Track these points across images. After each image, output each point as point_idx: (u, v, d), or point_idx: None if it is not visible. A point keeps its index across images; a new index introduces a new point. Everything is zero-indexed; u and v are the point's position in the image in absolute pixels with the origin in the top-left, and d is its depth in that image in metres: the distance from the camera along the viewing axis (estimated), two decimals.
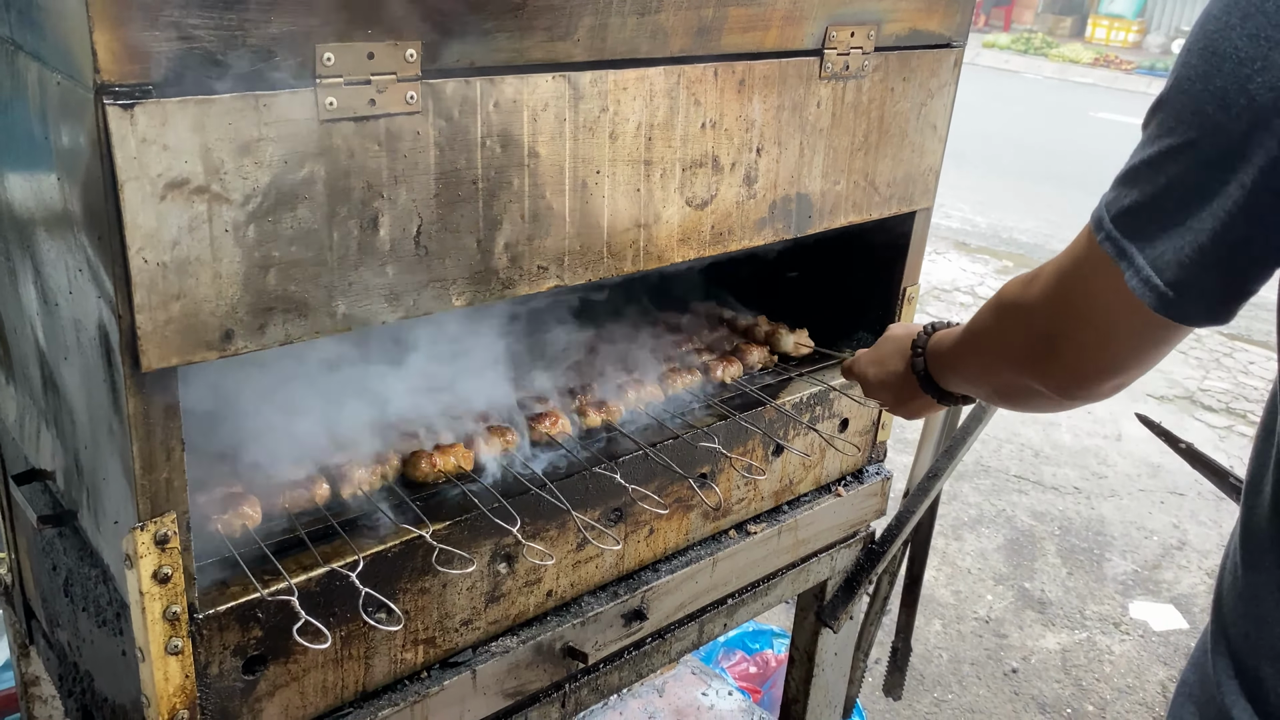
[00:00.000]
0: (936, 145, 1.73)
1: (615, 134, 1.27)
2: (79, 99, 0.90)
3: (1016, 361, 1.06)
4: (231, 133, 0.95)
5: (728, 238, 1.45)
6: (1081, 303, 0.94)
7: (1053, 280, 0.98)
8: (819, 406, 1.78)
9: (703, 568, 1.67)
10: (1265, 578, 0.92)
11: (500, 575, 1.40)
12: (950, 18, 1.63)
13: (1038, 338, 1.01)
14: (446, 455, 1.37)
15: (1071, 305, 0.95)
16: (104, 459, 1.10)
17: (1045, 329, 0.99)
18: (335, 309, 1.08)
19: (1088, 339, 0.95)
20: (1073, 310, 0.95)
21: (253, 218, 0.99)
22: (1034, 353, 1.02)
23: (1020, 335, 1.05)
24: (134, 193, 0.91)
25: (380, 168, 1.07)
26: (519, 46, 1.14)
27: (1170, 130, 0.83)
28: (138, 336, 0.95)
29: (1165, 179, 0.84)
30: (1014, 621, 3.54)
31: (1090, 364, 0.97)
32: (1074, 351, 0.97)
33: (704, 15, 1.29)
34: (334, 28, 0.98)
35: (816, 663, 2.06)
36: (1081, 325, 0.95)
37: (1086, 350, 0.96)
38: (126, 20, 0.86)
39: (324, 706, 1.27)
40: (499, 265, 1.21)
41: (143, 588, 1.06)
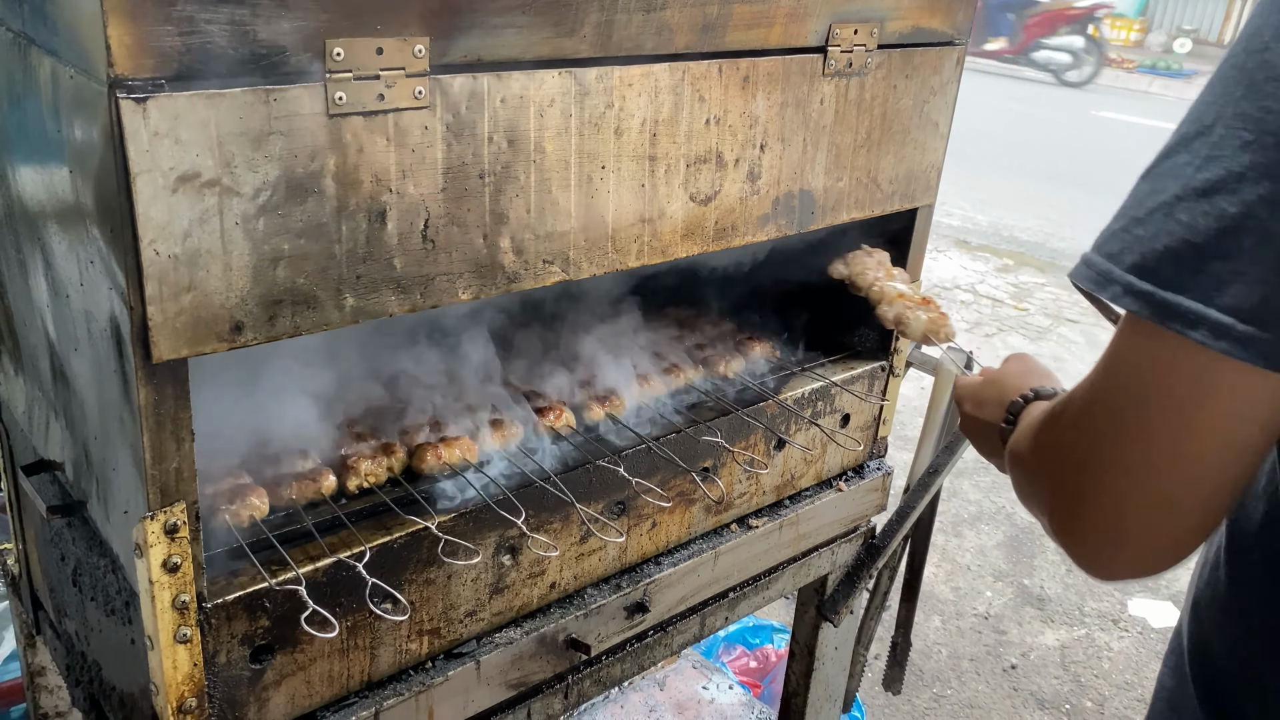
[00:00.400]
0: (939, 142, 1.74)
1: (620, 130, 1.28)
2: (92, 93, 0.91)
3: (1054, 531, 0.82)
4: (242, 126, 0.96)
5: (731, 233, 1.47)
6: (1129, 407, 0.72)
7: (1086, 395, 0.78)
8: (820, 402, 1.79)
9: (704, 561, 1.68)
10: (1251, 591, 0.85)
11: (504, 567, 1.41)
12: (953, 16, 1.64)
13: (1063, 485, 0.79)
14: (451, 447, 1.39)
15: (1114, 416, 0.74)
16: (114, 449, 1.11)
17: (1079, 470, 0.77)
18: (344, 302, 1.09)
19: (1146, 467, 0.72)
20: (1117, 423, 0.73)
21: (263, 211, 1.00)
22: (1058, 512, 0.80)
23: (1047, 490, 0.83)
24: (146, 186, 0.92)
25: (388, 162, 1.08)
26: (526, 42, 1.15)
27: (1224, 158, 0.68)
28: (149, 328, 0.97)
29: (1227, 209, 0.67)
30: (1013, 618, 3.56)
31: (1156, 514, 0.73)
32: (1124, 492, 0.74)
33: (709, 12, 1.30)
34: (344, 23, 0.99)
35: (817, 657, 2.07)
36: (1132, 444, 0.72)
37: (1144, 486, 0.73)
38: (140, 15, 0.87)
39: (330, 696, 1.29)
40: (505, 259, 1.22)
41: (152, 576, 1.07)
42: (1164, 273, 0.69)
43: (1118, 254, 0.72)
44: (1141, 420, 0.72)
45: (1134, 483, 0.73)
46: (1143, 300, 0.70)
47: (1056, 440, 0.81)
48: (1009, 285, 6.73)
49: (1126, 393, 0.73)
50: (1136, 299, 0.70)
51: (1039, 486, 0.85)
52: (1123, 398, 0.73)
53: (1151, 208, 0.71)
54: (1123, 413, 0.73)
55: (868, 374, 1.86)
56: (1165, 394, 0.70)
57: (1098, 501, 0.76)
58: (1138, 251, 0.71)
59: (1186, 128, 0.72)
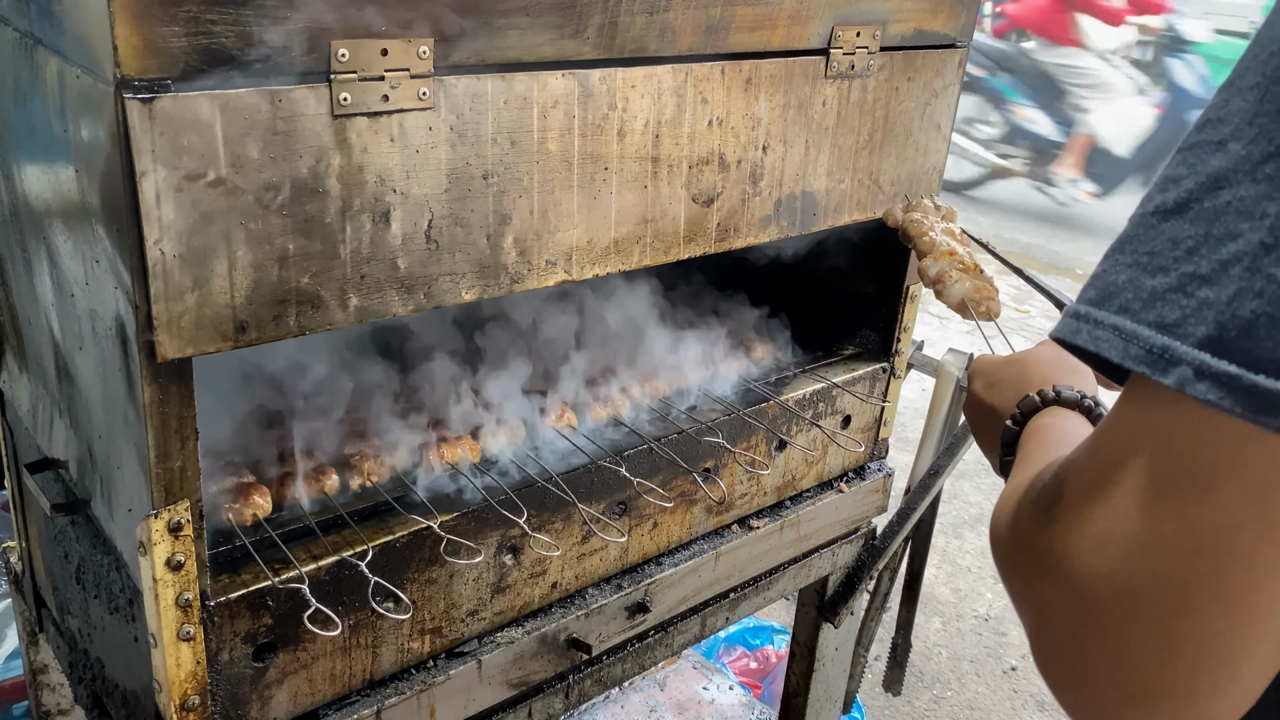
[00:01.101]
0: (940, 144, 1.74)
1: (623, 131, 1.28)
2: (99, 93, 0.92)
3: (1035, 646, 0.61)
4: (247, 127, 0.97)
5: (733, 235, 1.47)
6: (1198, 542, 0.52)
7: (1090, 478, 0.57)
8: (822, 403, 1.79)
9: (705, 561, 1.68)
10: None
11: (506, 566, 1.42)
12: (955, 18, 1.65)
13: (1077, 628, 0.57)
14: (454, 447, 1.39)
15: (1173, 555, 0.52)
16: (119, 448, 1.12)
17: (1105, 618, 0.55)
18: (348, 301, 1.10)
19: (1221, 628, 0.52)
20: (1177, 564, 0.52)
21: (267, 211, 1.01)
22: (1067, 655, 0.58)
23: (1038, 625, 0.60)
24: (152, 185, 0.93)
25: (392, 163, 1.08)
26: (530, 44, 1.15)
27: None
28: (154, 327, 0.97)
29: None
30: (1013, 620, 3.56)
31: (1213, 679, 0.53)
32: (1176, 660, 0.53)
33: (712, 14, 1.30)
34: (349, 24, 1.00)
35: (817, 657, 2.07)
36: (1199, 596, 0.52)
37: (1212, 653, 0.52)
38: (147, 15, 0.88)
39: (332, 694, 1.29)
40: (508, 260, 1.23)
41: (156, 574, 1.07)
42: (1254, 349, 0.50)
43: (1177, 324, 0.52)
44: (1217, 561, 0.51)
45: (1200, 650, 0.52)
46: (1224, 386, 0.50)
47: (1058, 558, 0.57)
48: (1010, 287, 6.72)
49: (1195, 522, 0.52)
50: (1215, 385, 0.50)
51: (1019, 592, 0.63)
52: (1188, 529, 0.52)
53: (1223, 260, 0.52)
54: (1186, 553, 0.52)
55: (869, 375, 1.86)
56: (1259, 521, 0.50)
57: (1103, 660, 0.55)
58: (1211, 320, 0.51)
59: (1242, 145, 0.53)
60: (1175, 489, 0.52)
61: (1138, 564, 0.53)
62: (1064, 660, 0.58)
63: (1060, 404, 0.91)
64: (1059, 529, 0.58)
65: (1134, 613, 0.53)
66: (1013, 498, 0.67)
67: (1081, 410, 0.91)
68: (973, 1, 1.66)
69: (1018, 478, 0.72)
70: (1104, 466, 0.56)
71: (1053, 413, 0.91)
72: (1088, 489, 0.57)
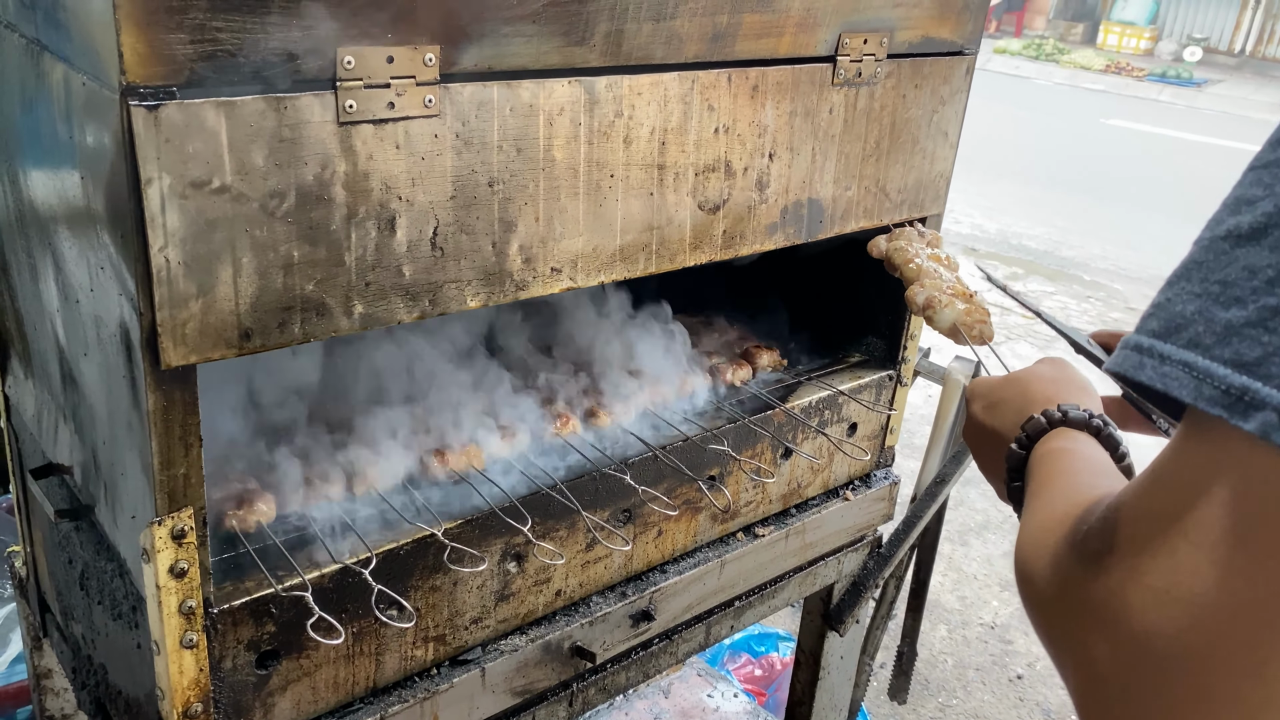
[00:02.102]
0: (948, 152, 1.74)
1: (629, 138, 1.28)
2: (104, 100, 0.92)
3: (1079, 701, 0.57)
4: (253, 134, 0.96)
5: (739, 242, 1.47)
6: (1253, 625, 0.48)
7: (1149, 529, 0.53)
8: (828, 411, 1.79)
9: (710, 569, 1.68)
10: None
11: (510, 574, 1.41)
12: (962, 26, 1.64)
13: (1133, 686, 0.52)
14: (458, 454, 1.39)
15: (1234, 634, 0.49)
16: (122, 454, 1.11)
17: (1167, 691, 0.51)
18: (353, 309, 1.10)
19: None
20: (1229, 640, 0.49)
21: (273, 218, 1.00)
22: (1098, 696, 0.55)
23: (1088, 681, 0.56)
24: (157, 192, 0.92)
25: (398, 170, 1.08)
26: (536, 51, 1.15)
27: None
28: (158, 334, 0.97)
29: None
30: (1019, 628, 3.54)
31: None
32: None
33: (719, 22, 1.30)
34: (355, 31, 1.00)
35: (822, 666, 2.06)
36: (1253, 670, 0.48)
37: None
38: (152, 23, 0.88)
39: (335, 702, 1.29)
40: (513, 267, 1.22)
41: (159, 582, 1.07)
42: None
43: (1258, 362, 0.48)
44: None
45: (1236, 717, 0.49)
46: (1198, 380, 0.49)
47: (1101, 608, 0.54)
48: None
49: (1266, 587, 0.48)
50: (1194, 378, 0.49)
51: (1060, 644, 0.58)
52: (1259, 597, 0.48)
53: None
54: (1253, 621, 0.48)
55: (875, 383, 1.86)
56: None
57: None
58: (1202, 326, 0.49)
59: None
60: (1253, 544, 0.48)
61: (1208, 624, 0.49)
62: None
63: (1068, 424, 0.86)
64: (1114, 580, 0.53)
65: (1199, 676, 0.50)
66: (1048, 537, 0.61)
67: (1091, 431, 0.85)
68: (980, 9, 1.66)
69: (1047, 513, 0.67)
70: (1166, 513, 0.52)
71: (1061, 435, 0.85)
72: (1147, 537, 0.52)
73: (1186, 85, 15.63)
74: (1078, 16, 20.24)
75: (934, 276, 1.48)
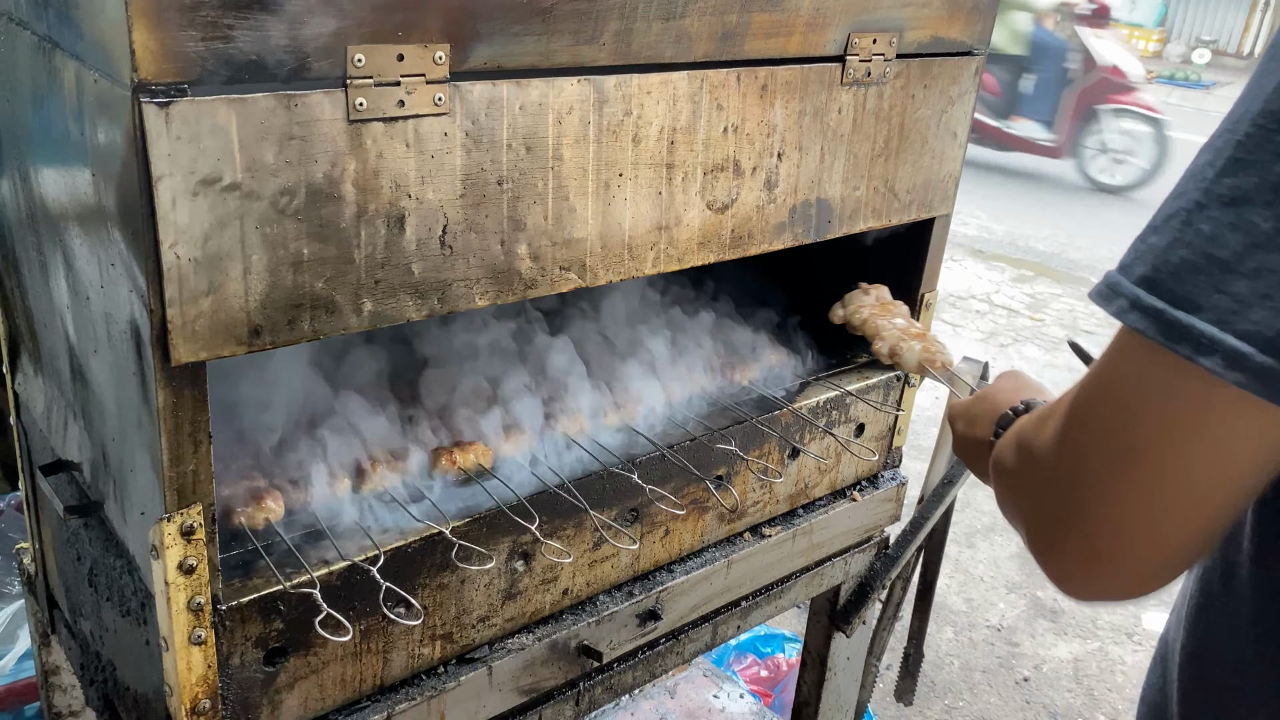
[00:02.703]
0: (956, 152, 1.73)
1: (638, 137, 1.28)
2: (116, 97, 0.92)
3: (1031, 550, 0.78)
4: (263, 131, 0.97)
5: (747, 241, 1.46)
6: (1120, 427, 0.67)
7: (1074, 408, 0.72)
8: (835, 411, 1.78)
9: (718, 569, 1.68)
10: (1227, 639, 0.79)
11: (517, 573, 1.41)
12: (972, 26, 1.64)
13: (1051, 502, 0.73)
14: (467, 452, 1.39)
15: (1103, 434, 0.68)
16: (132, 451, 1.12)
17: (1064, 487, 0.72)
18: (362, 306, 1.10)
19: (1132, 491, 0.67)
20: (1105, 442, 0.68)
21: (283, 215, 1.01)
22: (1040, 532, 0.75)
23: (1029, 506, 0.78)
24: (167, 189, 0.93)
25: (408, 168, 1.08)
26: (545, 50, 1.15)
27: (1256, 164, 0.61)
28: (168, 331, 0.97)
29: (1259, 224, 0.60)
30: (1026, 630, 3.53)
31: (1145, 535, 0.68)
32: (1106, 513, 0.69)
33: (728, 21, 1.30)
34: (365, 29, 1.00)
35: (829, 666, 2.06)
36: (1119, 466, 0.67)
37: (1139, 514, 0.67)
38: (164, 20, 0.88)
39: (342, 699, 1.29)
40: (521, 266, 1.23)
41: (168, 578, 1.07)
42: (1177, 289, 0.62)
43: (1129, 265, 0.66)
44: (1132, 444, 0.66)
45: (1119, 506, 0.68)
46: (1150, 318, 0.63)
47: (1039, 451, 0.75)
48: (1025, 295, 6.70)
49: (1120, 413, 0.67)
50: (1143, 316, 0.64)
51: (1018, 496, 0.81)
52: (1115, 418, 0.67)
53: (1168, 214, 0.65)
54: (1113, 434, 0.67)
55: (883, 383, 1.86)
56: (1162, 420, 0.64)
57: (1079, 521, 0.70)
58: (1149, 263, 0.64)
59: (1218, 131, 0.64)
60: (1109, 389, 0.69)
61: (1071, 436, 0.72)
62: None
63: (1030, 412, 1.00)
64: (1046, 425, 0.76)
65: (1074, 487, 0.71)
66: (1013, 431, 0.84)
67: None
68: (990, 9, 1.66)
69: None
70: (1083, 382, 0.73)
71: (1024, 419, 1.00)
72: (1067, 395, 0.74)
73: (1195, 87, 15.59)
74: None
75: (889, 327, 1.68)
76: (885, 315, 1.69)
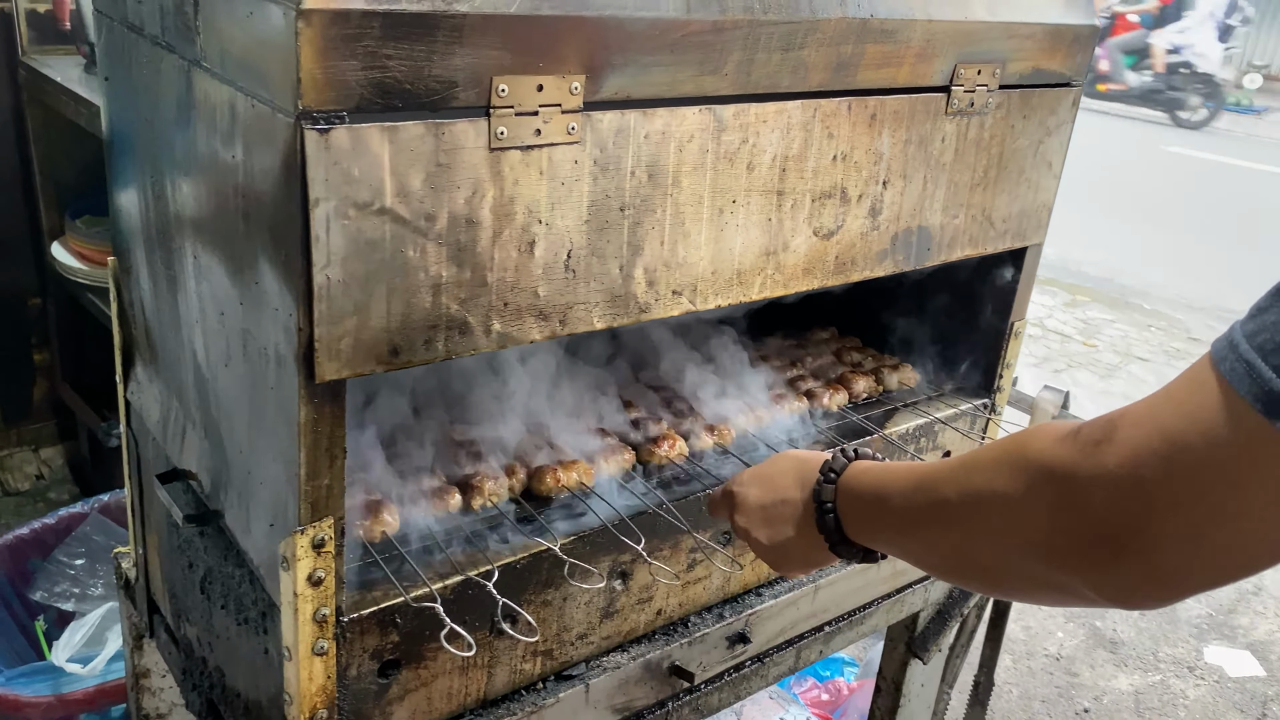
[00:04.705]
0: (1051, 182, 1.74)
1: (752, 165, 1.30)
2: (278, 123, 0.95)
3: (1057, 555, 0.79)
4: (413, 158, 0.99)
5: (850, 268, 1.48)
6: (1212, 474, 0.69)
7: (1151, 441, 0.72)
8: (924, 438, 1.79)
9: (805, 594, 1.68)
10: None
11: (615, 591, 1.43)
12: (1072, 58, 1.64)
13: (1113, 524, 0.74)
14: (570, 471, 1.41)
15: (1193, 478, 0.70)
16: (262, 463, 1.15)
17: (1130, 514, 0.73)
18: (491, 328, 1.12)
19: (1218, 533, 0.70)
20: (1196, 485, 0.70)
21: (427, 239, 1.03)
22: (1097, 546, 0.75)
23: (1076, 520, 0.77)
24: (323, 213, 0.96)
25: (540, 194, 1.11)
26: (672, 80, 1.17)
27: None
28: (315, 349, 1.00)
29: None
30: (1085, 660, 3.49)
31: (1201, 563, 0.72)
32: (1180, 546, 0.71)
33: (843, 51, 1.32)
34: (510, 60, 1.03)
35: (904, 694, 2.06)
36: (1207, 510, 0.70)
37: (1203, 545, 0.71)
38: (329, 50, 0.91)
39: (447, 712, 1.31)
40: (637, 289, 1.24)
41: (297, 589, 1.10)
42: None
43: (1252, 334, 0.69)
44: (1219, 501, 0.69)
45: (1190, 547, 0.71)
46: (1252, 380, 0.67)
47: (1111, 466, 0.74)
48: (1077, 321, 6.64)
49: (1211, 467, 0.69)
50: (1250, 378, 0.67)
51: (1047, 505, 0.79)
52: (1206, 471, 0.69)
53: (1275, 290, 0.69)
54: (1201, 488, 0.70)
55: (969, 412, 1.85)
56: (1254, 475, 0.67)
57: (1150, 552, 0.72)
58: (1270, 334, 0.68)
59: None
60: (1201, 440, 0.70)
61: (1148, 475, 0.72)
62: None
63: (861, 458, 1.11)
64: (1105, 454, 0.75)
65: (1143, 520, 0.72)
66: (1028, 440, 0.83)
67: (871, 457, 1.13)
68: (1088, 42, 1.66)
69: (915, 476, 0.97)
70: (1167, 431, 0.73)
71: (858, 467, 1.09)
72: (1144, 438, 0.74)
73: (1247, 113, 15.38)
74: None
75: None
76: None
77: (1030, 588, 0.85)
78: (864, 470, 1.07)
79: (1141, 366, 5.99)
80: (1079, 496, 0.76)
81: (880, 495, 1.02)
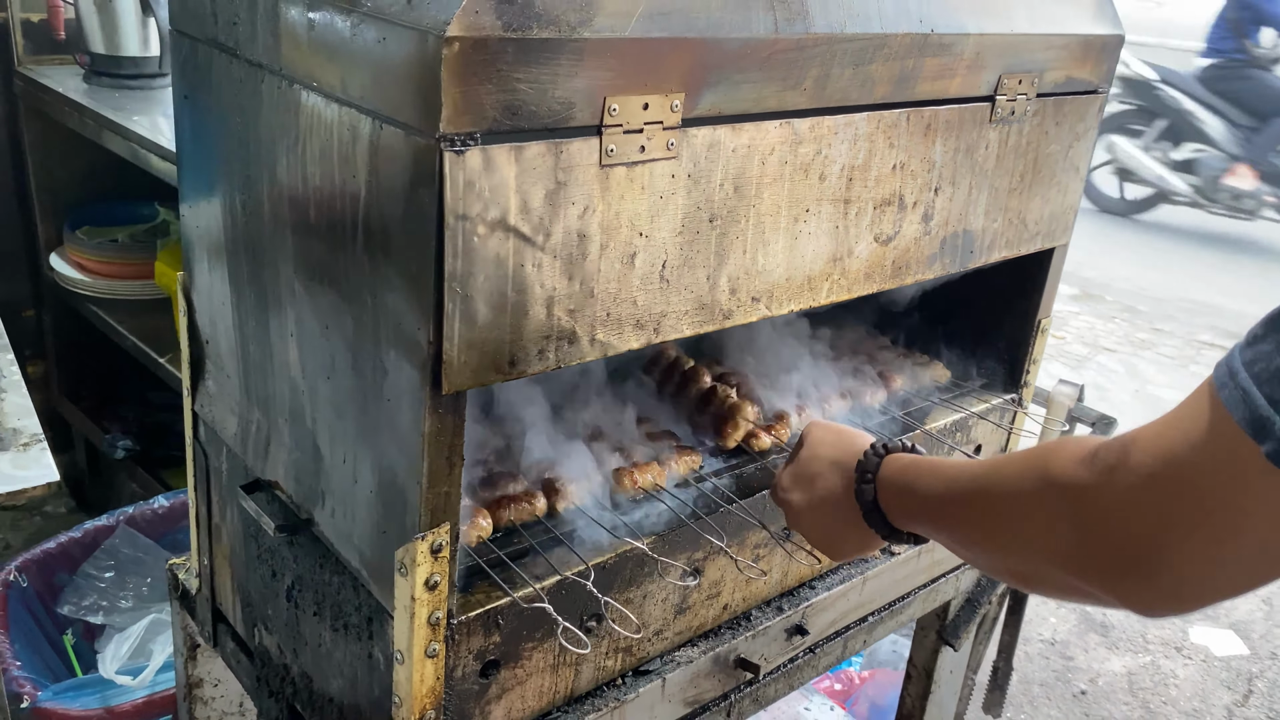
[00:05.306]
0: (1077, 184, 1.81)
1: (824, 175, 1.35)
2: (411, 145, 0.99)
3: (1077, 567, 0.85)
4: (535, 177, 1.04)
5: (904, 272, 1.54)
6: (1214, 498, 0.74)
7: (1159, 466, 0.78)
8: (959, 433, 1.86)
9: (854, 585, 1.74)
10: None
11: (688, 588, 1.48)
12: (1100, 66, 1.72)
13: (1129, 545, 0.80)
14: (645, 472, 1.45)
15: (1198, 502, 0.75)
16: (371, 473, 1.18)
17: (1142, 535, 0.79)
18: (595, 337, 1.16)
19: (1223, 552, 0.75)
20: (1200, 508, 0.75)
21: (545, 255, 1.07)
22: (1115, 562, 0.81)
23: (1096, 540, 0.83)
24: (455, 231, 0.99)
25: (641, 208, 1.15)
26: (758, 95, 1.22)
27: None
28: (442, 361, 1.04)
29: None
30: (1079, 644, 3.61)
31: (1212, 579, 0.78)
32: (1190, 564, 0.77)
33: (906, 65, 1.38)
34: (621, 80, 1.07)
35: (934, 680, 2.13)
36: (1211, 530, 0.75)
37: (1212, 563, 0.76)
38: (469, 75, 0.95)
39: (537, 709, 1.35)
40: (721, 297, 1.30)
41: (414, 594, 1.13)
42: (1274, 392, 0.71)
43: (1250, 362, 0.74)
44: (1224, 522, 0.74)
45: (1201, 566, 0.76)
46: (1246, 406, 0.72)
47: (1117, 493, 0.80)
48: None
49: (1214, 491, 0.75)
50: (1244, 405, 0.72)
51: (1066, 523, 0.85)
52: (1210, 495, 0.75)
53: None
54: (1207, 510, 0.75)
55: (999, 406, 1.93)
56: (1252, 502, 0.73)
57: (1163, 568, 0.78)
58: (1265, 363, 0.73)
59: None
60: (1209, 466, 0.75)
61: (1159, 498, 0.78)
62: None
63: (891, 452, 1.20)
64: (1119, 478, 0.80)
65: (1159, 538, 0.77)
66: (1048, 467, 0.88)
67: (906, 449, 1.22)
68: (1114, 51, 1.74)
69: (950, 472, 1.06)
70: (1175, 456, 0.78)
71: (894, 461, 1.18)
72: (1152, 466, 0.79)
73: None
74: None
75: None
76: None
77: (1060, 592, 0.92)
78: (901, 470, 1.15)
79: (1110, 357, 6.16)
80: (1098, 518, 0.82)
81: (914, 489, 1.12)
